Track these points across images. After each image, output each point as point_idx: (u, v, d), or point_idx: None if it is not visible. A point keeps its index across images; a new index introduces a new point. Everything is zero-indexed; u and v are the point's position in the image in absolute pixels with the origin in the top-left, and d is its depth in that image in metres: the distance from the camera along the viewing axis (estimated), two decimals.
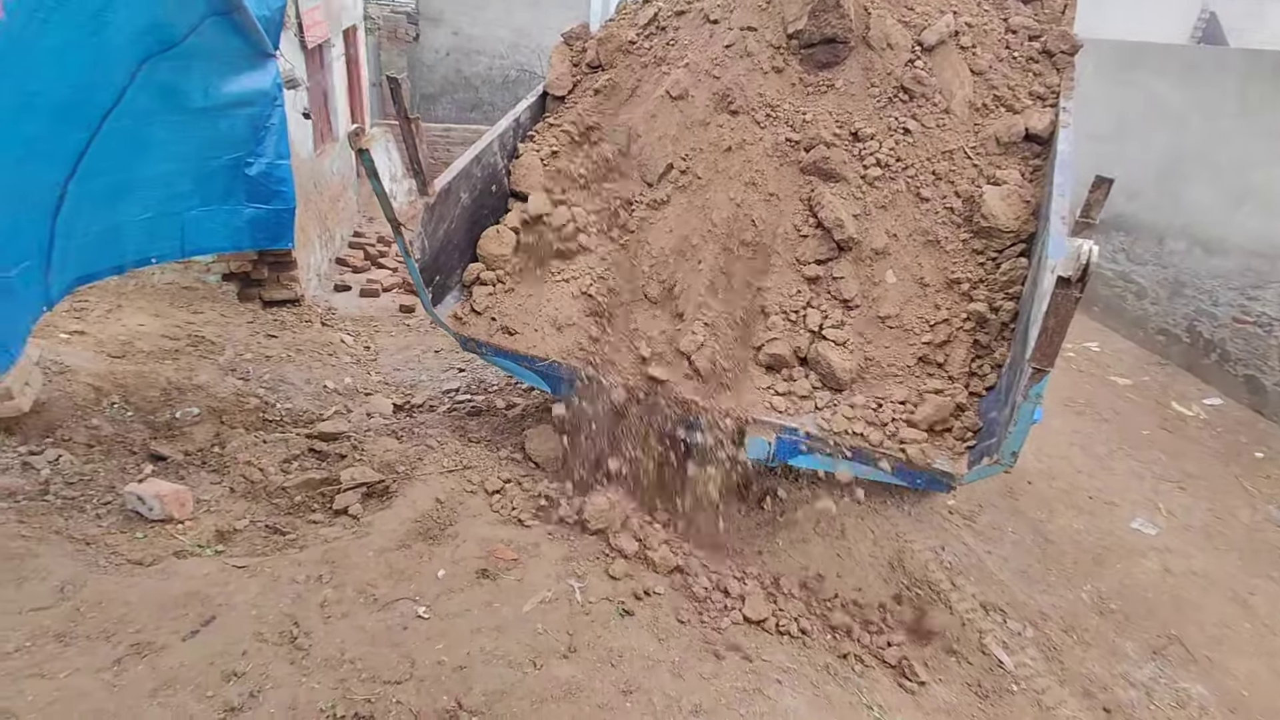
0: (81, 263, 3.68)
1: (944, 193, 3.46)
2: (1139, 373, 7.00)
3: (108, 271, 4.04)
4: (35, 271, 3.34)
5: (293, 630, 2.64)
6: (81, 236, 3.53)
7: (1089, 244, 2.12)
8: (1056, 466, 5.31)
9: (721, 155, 3.57)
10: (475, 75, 13.18)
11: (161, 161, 3.91)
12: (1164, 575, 4.35)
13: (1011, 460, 2.59)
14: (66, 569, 2.71)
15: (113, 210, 3.74)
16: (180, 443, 3.87)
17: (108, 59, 3.15)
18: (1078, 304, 2.19)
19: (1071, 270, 2.15)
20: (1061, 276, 2.18)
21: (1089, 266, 2.10)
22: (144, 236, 4.07)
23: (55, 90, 2.96)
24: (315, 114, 7.41)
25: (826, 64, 3.65)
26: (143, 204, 3.92)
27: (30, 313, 3.39)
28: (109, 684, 2.29)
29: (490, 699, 2.49)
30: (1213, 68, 6.82)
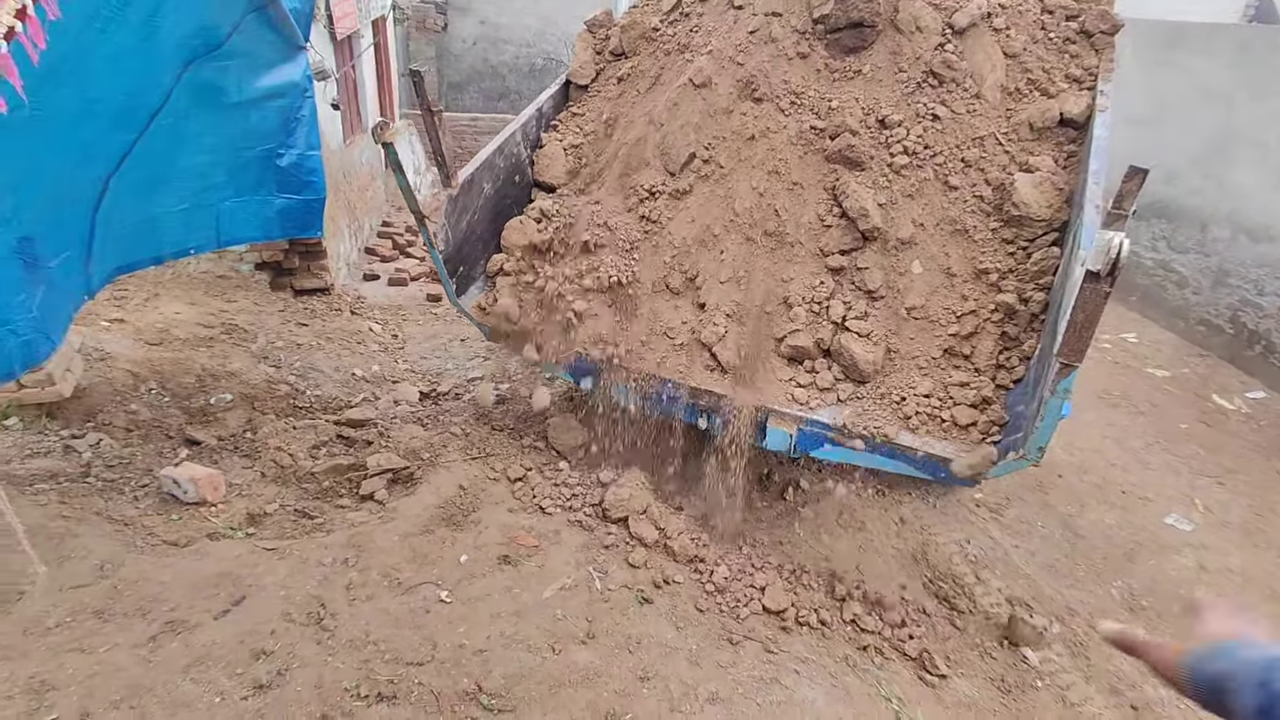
0: (121, 253, 3.80)
1: (973, 180, 3.38)
2: (1178, 364, 6.80)
3: (147, 262, 4.15)
4: (76, 262, 3.45)
5: (319, 611, 2.71)
6: (120, 227, 3.63)
7: (1120, 237, 2.06)
8: (1089, 460, 5.19)
9: (744, 144, 3.54)
10: (502, 64, 13.22)
11: (197, 154, 4.00)
12: (1199, 572, 4.24)
13: (1038, 456, 2.54)
14: (105, 549, 2.82)
15: (151, 202, 3.84)
16: (214, 428, 3.98)
17: (157, 63, 3.19)
18: (1107, 299, 2.14)
19: (1101, 264, 2.08)
20: (1090, 270, 2.12)
21: (1119, 260, 2.04)
22: (181, 228, 4.18)
23: (112, 97, 3.01)
24: (345, 105, 7.51)
25: (853, 49, 3.58)
26: (179, 196, 4.02)
27: (72, 302, 3.50)
28: (144, 659, 2.38)
29: (509, 682, 2.53)
30: (1264, 47, 6.55)
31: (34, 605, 2.53)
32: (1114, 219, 2.16)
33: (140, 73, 3.10)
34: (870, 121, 3.49)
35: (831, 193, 3.47)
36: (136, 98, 3.21)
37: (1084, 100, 3.37)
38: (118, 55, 2.92)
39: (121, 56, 2.94)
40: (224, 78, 3.79)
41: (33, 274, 3.09)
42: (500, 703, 2.46)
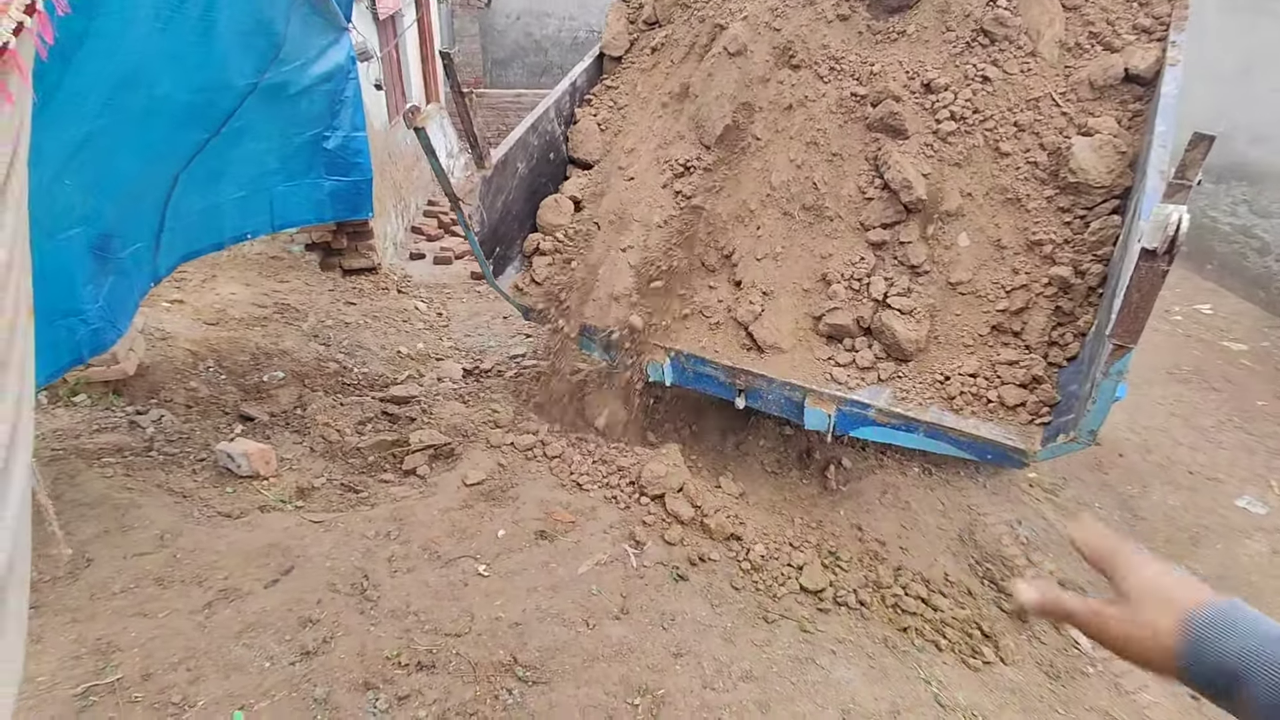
0: (186, 241, 3.95)
1: (1027, 145, 3.20)
2: (1258, 337, 6.37)
3: (209, 248, 4.30)
4: (145, 253, 3.60)
5: (363, 582, 2.80)
6: (186, 217, 3.76)
7: (1179, 211, 1.90)
8: (1153, 439, 4.94)
9: (782, 114, 3.42)
10: (545, 38, 13.14)
11: (255, 143, 4.09)
12: (1273, 557, 4.00)
13: (1090, 439, 2.43)
14: (166, 519, 2.97)
15: (214, 192, 3.96)
16: (267, 404, 4.13)
17: (220, 60, 3.22)
18: (1165, 278, 1.99)
19: (1158, 241, 1.94)
20: (1146, 248, 1.98)
21: (1178, 237, 1.89)
22: (239, 214, 4.31)
23: (179, 94, 3.07)
24: (389, 85, 7.59)
25: (897, 8, 3.41)
26: (237, 183, 4.13)
27: (138, 290, 3.64)
28: (200, 624, 2.51)
29: (544, 655, 2.57)
30: None
31: (100, 571, 2.69)
32: (1175, 190, 2.00)
33: (203, 68, 3.14)
34: (915, 86, 3.33)
35: (873, 163, 3.33)
36: (204, 94, 3.26)
37: (1152, 54, 3.14)
38: (179, 53, 2.96)
39: (183, 54, 2.99)
40: (284, 72, 3.85)
41: (104, 266, 3.24)
42: (535, 674, 2.50)
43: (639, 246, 3.51)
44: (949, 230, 3.20)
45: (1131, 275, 2.06)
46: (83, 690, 2.22)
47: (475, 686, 2.42)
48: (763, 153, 3.44)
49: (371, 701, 2.32)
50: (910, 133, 3.27)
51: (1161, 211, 1.94)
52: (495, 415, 4.08)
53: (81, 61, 2.61)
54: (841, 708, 2.59)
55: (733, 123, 3.45)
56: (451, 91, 3.17)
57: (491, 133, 11.27)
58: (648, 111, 3.83)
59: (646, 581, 2.99)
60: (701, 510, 3.40)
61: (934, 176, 3.23)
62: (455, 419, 4.02)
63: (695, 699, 2.50)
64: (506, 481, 3.47)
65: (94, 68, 2.65)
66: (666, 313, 3.52)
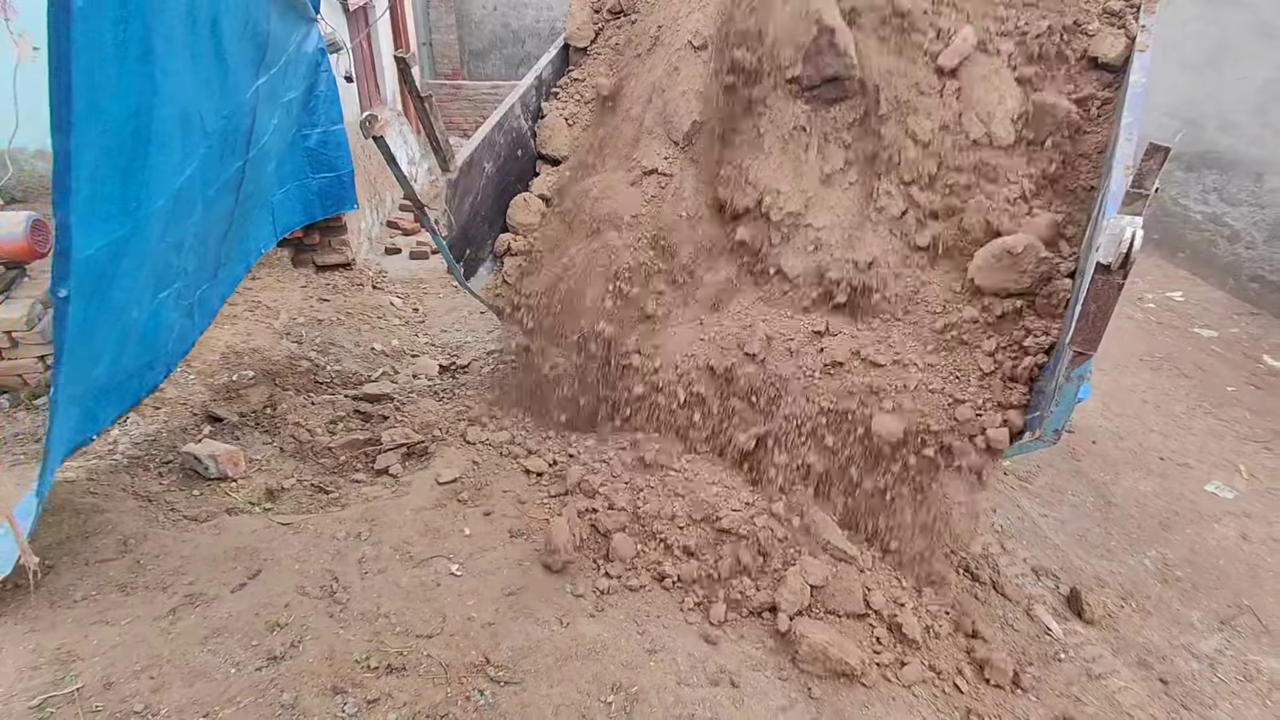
0: (231, 276, 3.94)
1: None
2: (1227, 324, 6.47)
3: (241, 275, 4.22)
4: (207, 294, 3.59)
5: (332, 585, 2.76)
6: (230, 249, 3.71)
7: (1132, 226, 1.93)
8: (1125, 425, 5.00)
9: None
10: (523, 29, 12.99)
11: (262, 155, 3.97)
12: (1240, 542, 4.07)
13: (1054, 438, 2.50)
14: (129, 524, 2.91)
15: (247, 216, 3.89)
16: (236, 404, 4.06)
17: (234, 76, 3.13)
18: (1120, 290, 2.03)
19: (1112, 256, 1.96)
20: (1101, 263, 2.00)
21: (1132, 252, 1.93)
22: (255, 233, 4.26)
23: (214, 123, 2.97)
24: (361, 77, 7.47)
25: (834, 100, 3.32)
26: (255, 201, 4.05)
27: (199, 329, 3.55)
28: (165, 631, 2.46)
29: (517, 655, 2.55)
30: None
31: (61, 578, 2.63)
32: (1133, 199, 2.01)
33: (223, 89, 3.05)
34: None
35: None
36: (229, 119, 3.16)
37: (1121, 42, 3.13)
38: (208, 78, 2.87)
39: (210, 78, 2.90)
40: (272, 74, 3.76)
41: (183, 314, 3.21)
42: (507, 674, 2.48)
43: (609, 246, 3.48)
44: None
45: (1088, 287, 2.08)
46: (40, 701, 2.17)
47: (446, 688, 2.39)
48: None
49: (340, 706, 2.29)
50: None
51: (1116, 226, 1.96)
52: (470, 412, 4.03)
53: (161, 114, 2.55)
54: None
55: (699, 119, 3.41)
56: (411, 97, 3.09)
57: (469, 125, 11.13)
58: (615, 105, 3.78)
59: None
60: None
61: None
62: (429, 417, 3.97)
63: (669, 695, 2.50)
64: (480, 480, 3.43)
65: (167, 114, 2.60)
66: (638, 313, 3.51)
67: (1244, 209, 6.79)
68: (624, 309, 3.48)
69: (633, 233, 3.49)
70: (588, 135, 3.80)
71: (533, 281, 3.61)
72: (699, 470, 3.17)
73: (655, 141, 3.52)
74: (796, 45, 3.15)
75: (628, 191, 3.53)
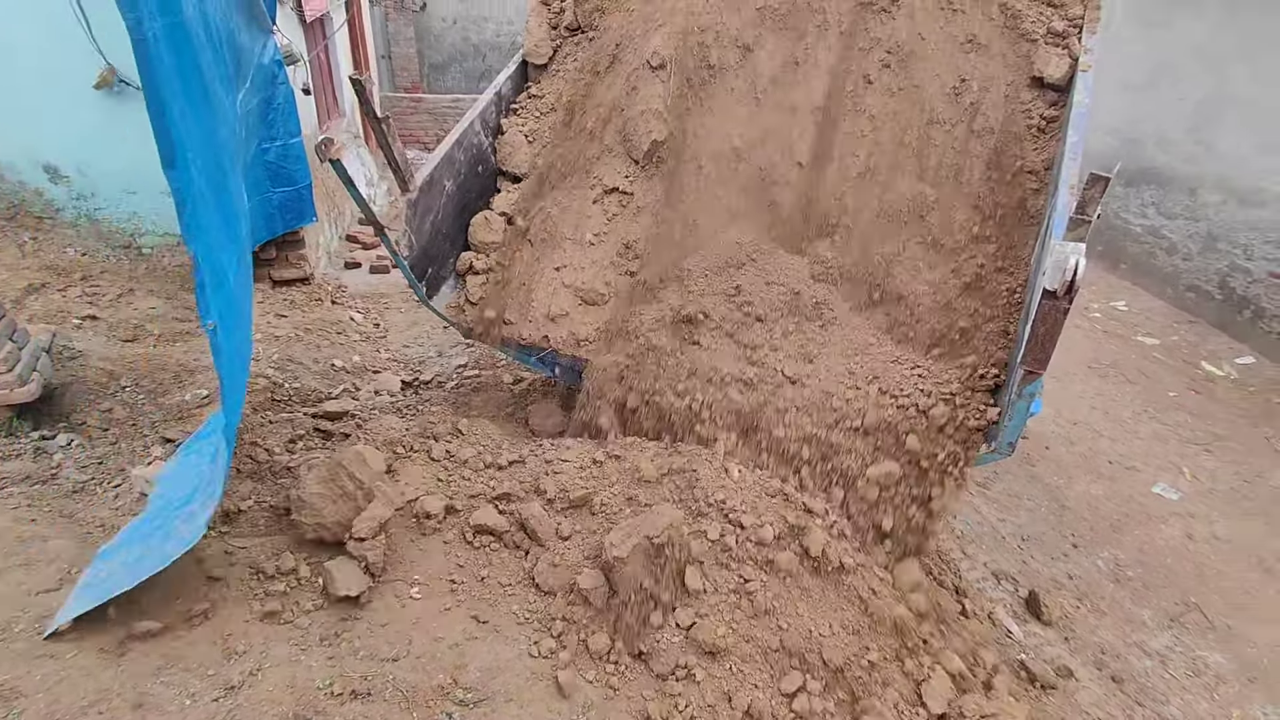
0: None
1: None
2: (1168, 332, 6.77)
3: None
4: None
5: (293, 609, 2.68)
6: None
7: (1075, 255, 2.03)
8: (1076, 431, 5.18)
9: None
10: (484, 42, 12.99)
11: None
12: (1186, 541, 4.24)
13: (1009, 450, 2.59)
14: (73, 552, 2.78)
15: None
16: (189, 424, 3.92)
17: (230, 90, 3.07)
18: (1066, 314, 2.13)
19: (1057, 284, 2.05)
20: (1047, 289, 2.09)
21: (1076, 280, 2.02)
22: None
23: (222, 130, 2.89)
24: (319, 89, 7.36)
25: None
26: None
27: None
28: (114, 663, 2.36)
29: (485, 675, 2.51)
30: (1255, 6, 6.42)
31: (1, 612, 2.49)
32: (1076, 224, 2.11)
33: (230, 106, 3.02)
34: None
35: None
36: (233, 138, 3.10)
37: (1065, 62, 3.27)
38: (229, 100, 2.91)
39: (227, 99, 2.91)
40: (245, 88, 3.68)
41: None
42: (475, 696, 2.44)
43: (572, 266, 3.49)
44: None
45: (1036, 311, 2.17)
46: None
47: (411, 713, 2.34)
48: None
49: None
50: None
51: (1061, 253, 2.05)
52: (434, 428, 3.97)
53: (224, 142, 2.70)
54: None
55: (660, 138, 3.45)
56: (368, 119, 3.05)
57: (430, 138, 11.04)
58: (575, 122, 3.80)
59: None
60: None
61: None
62: (392, 433, 3.89)
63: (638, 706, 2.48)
64: (445, 495, 3.37)
65: (226, 141, 2.75)
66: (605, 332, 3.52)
67: (1180, 222, 7.13)
68: None
69: (595, 250, 3.51)
70: (548, 152, 3.80)
71: (498, 298, 3.59)
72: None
73: (616, 160, 3.54)
74: None
75: (590, 209, 3.54)
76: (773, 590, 2.71)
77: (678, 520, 2.77)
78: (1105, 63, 3.32)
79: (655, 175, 3.54)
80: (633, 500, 2.98)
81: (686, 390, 3.18)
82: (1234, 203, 6.57)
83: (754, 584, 2.71)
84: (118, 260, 5.49)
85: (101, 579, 2.57)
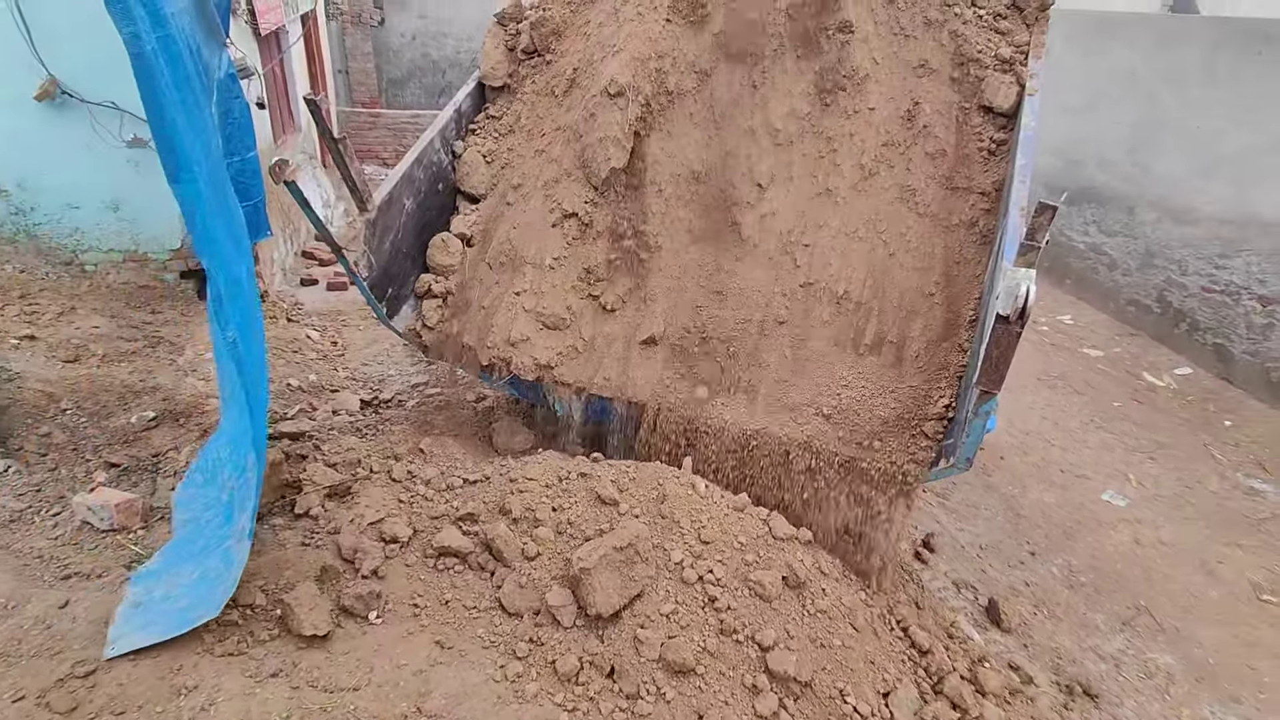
0: None
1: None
2: (1111, 344, 7.04)
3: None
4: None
5: (246, 639, 2.57)
6: None
7: (1026, 283, 2.12)
8: (1029, 441, 5.34)
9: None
10: (443, 59, 12.93)
11: None
12: (1134, 546, 4.39)
13: (966, 465, 2.67)
14: (7, 585, 2.63)
15: None
16: (135, 448, 3.77)
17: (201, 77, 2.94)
18: (1019, 337, 2.22)
19: (1010, 309, 2.14)
20: (1000, 314, 2.18)
21: (1027, 306, 2.12)
22: None
23: (214, 140, 2.85)
24: (274, 103, 7.22)
25: None
26: None
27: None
28: (48, 706, 2.23)
29: (451, 702, 2.44)
30: (1182, 37, 6.80)
31: None
32: (1026, 250, 2.20)
33: (203, 86, 2.91)
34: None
35: None
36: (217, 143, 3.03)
37: (1013, 90, 3.40)
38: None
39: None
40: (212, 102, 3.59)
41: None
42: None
43: (532, 290, 3.47)
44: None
45: (990, 335, 2.26)
46: None
47: None
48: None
49: None
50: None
51: (1013, 279, 2.14)
52: (395, 448, 3.89)
53: (216, 156, 2.72)
54: None
55: (619, 165, 3.47)
56: (324, 140, 3.00)
57: (388, 154, 10.91)
58: (533, 146, 3.79)
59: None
60: None
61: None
62: (352, 454, 3.79)
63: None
64: (408, 517, 3.29)
65: (216, 155, 2.74)
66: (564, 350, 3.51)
67: (1119, 239, 7.45)
68: None
69: (555, 274, 3.51)
70: (507, 173, 3.79)
71: (458, 320, 3.55)
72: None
73: (575, 184, 3.55)
74: None
75: (549, 233, 3.54)
76: (743, 608, 2.71)
77: (644, 534, 2.76)
78: (1048, 87, 3.46)
79: (615, 200, 3.55)
80: (600, 518, 2.96)
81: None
82: (1169, 221, 6.90)
83: (722, 602, 2.71)
84: (58, 277, 5.26)
85: (159, 602, 2.60)
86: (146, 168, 5.24)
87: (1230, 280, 6.31)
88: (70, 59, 4.84)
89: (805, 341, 3.31)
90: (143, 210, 5.38)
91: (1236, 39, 6.22)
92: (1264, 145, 6.01)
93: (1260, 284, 6.08)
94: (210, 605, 2.53)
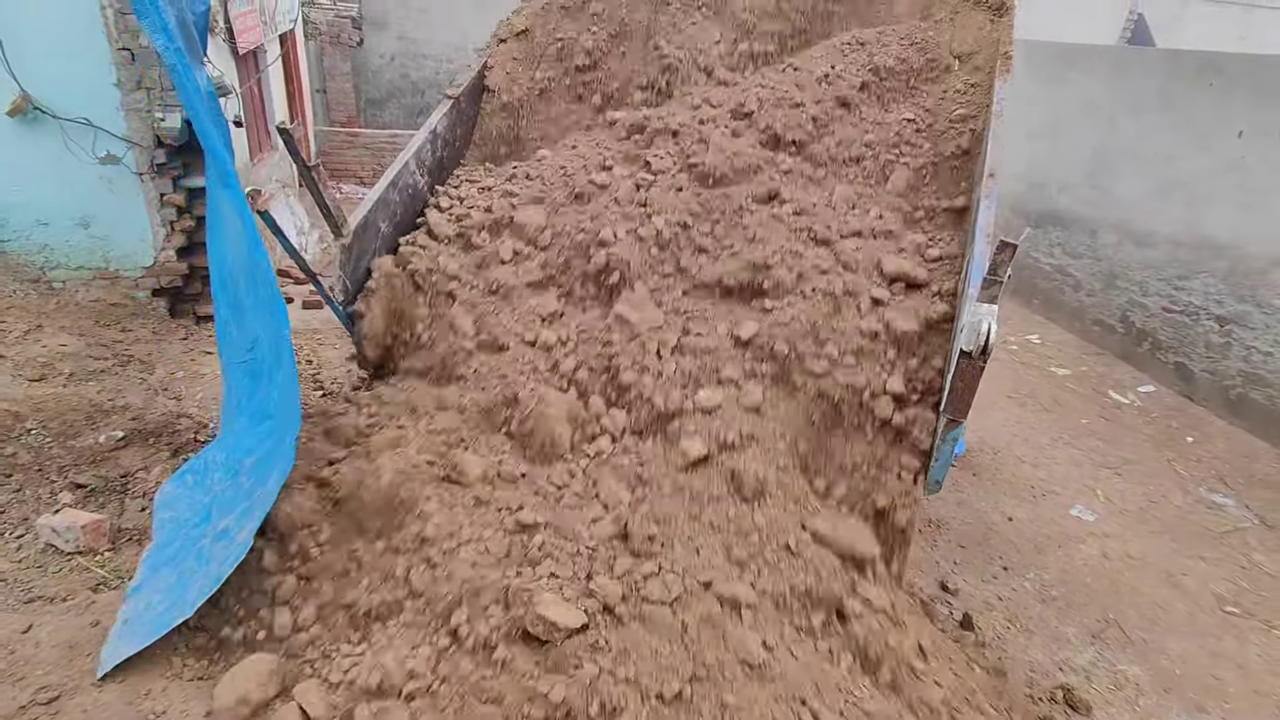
0: None
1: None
2: (1078, 363, 7.23)
3: None
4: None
5: (218, 664, 2.52)
6: None
7: (989, 319, 2.19)
8: (1001, 458, 5.44)
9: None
10: (422, 79, 12.99)
11: None
12: (1102, 560, 4.48)
13: (937, 487, 2.72)
14: None
15: None
16: (103, 468, 3.69)
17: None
18: (982, 371, 2.29)
19: (972, 345, 2.23)
20: (963, 350, 2.26)
21: (989, 342, 2.19)
22: None
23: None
24: (251, 122, 7.20)
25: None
26: None
27: None
28: None
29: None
30: (1138, 68, 7.09)
31: None
32: (989, 284, 2.27)
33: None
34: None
35: None
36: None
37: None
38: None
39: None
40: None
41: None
42: None
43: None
44: None
45: (954, 369, 2.34)
46: None
47: None
48: None
49: None
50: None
51: (975, 314, 2.21)
52: None
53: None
54: None
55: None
56: (298, 168, 3.00)
57: (367, 173, 10.89)
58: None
59: None
60: None
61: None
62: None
63: None
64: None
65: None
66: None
67: (1084, 261, 7.68)
68: None
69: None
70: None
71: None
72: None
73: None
74: None
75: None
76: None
77: None
78: (1011, 113, 3.57)
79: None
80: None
81: None
82: (1130, 243, 7.14)
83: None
84: (25, 295, 5.17)
85: (141, 612, 2.56)
86: (119, 185, 5.20)
87: (1189, 301, 6.53)
88: (43, 75, 4.80)
89: None
90: (114, 227, 5.32)
91: (1189, 70, 6.50)
92: (1216, 170, 6.26)
93: (1217, 304, 6.30)
94: (184, 606, 2.49)
